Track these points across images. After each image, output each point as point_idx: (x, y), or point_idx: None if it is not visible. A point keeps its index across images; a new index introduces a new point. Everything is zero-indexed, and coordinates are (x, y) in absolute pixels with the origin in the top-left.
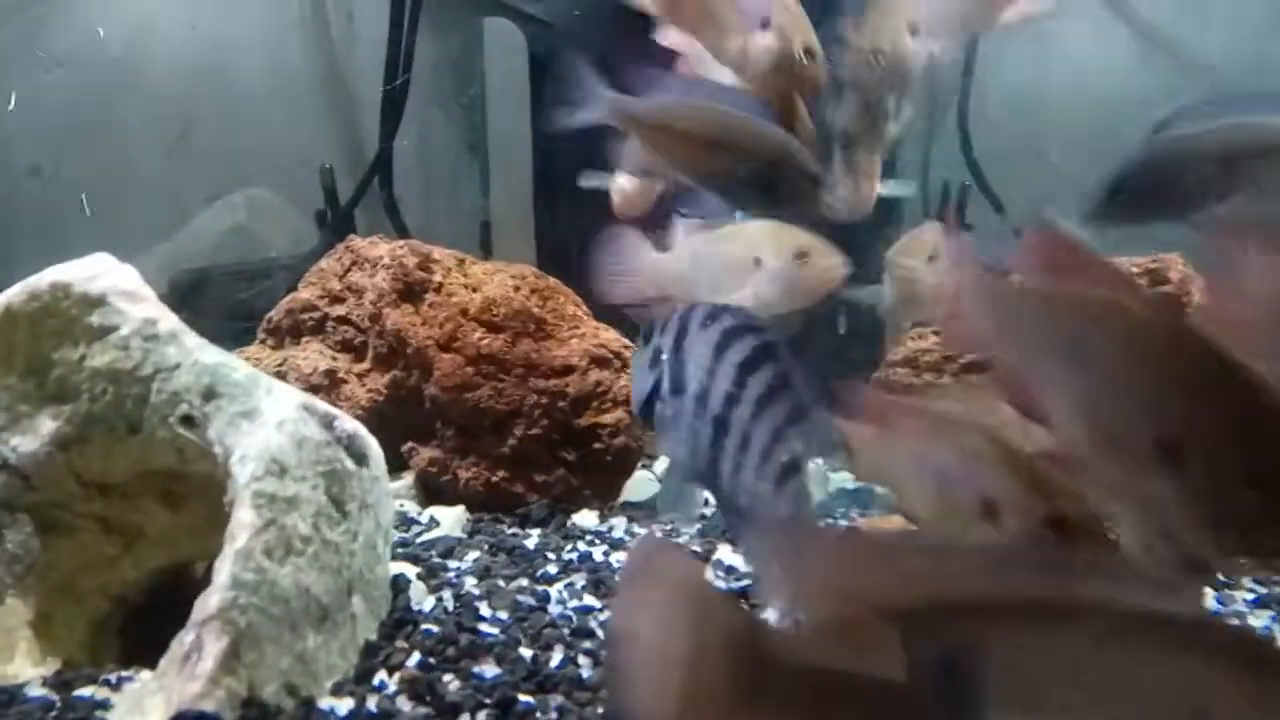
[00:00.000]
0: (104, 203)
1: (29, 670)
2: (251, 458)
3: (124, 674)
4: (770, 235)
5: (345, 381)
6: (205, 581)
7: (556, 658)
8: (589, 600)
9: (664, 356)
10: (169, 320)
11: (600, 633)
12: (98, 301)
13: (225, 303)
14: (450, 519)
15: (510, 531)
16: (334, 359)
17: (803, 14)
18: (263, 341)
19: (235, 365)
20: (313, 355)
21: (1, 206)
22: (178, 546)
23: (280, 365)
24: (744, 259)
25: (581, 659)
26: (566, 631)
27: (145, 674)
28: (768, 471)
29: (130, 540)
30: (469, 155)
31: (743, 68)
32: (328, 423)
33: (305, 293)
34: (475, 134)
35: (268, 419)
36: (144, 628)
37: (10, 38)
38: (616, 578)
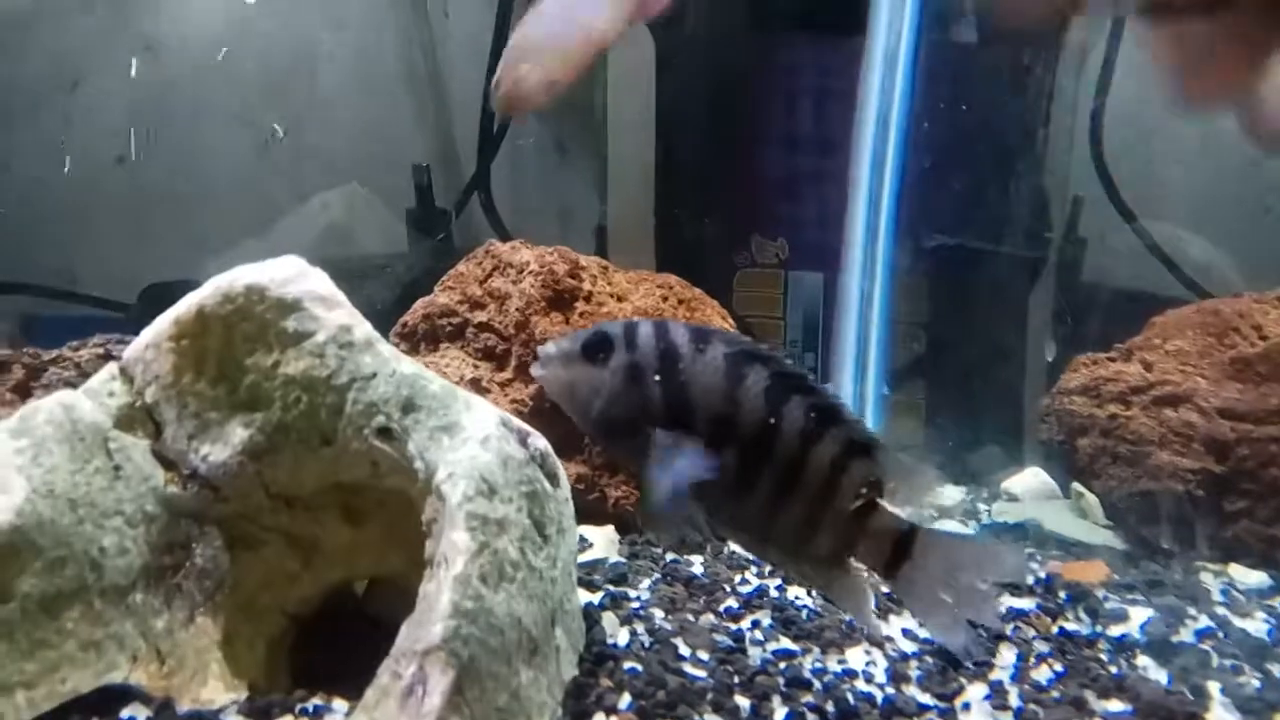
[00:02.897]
0: (193, 196)
1: (222, 695)
2: (461, 476)
3: (317, 703)
4: None
5: (488, 391)
6: (370, 600)
7: (780, 712)
8: (786, 643)
9: (656, 378)
10: (364, 327)
11: (816, 683)
12: (293, 306)
13: None
14: (602, 540)
15: (670, 558)
16: (476, 367)
17: None
18: (395, 346)
19: (430, 377)
20: (455, 362)
21: (87, 196)
22: (354, 563)
23: None
24: None
25: (809, 717)
26: (781, 682)
27: (338, 703)
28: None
29: (308, 555)
30: (557, 155)
31: None
32: (523, 439)
33: (443, 297)
34: (565, 133)
35: (470, 435)
36: (302, 645)
37: (104, 26)
38: (804, 616)
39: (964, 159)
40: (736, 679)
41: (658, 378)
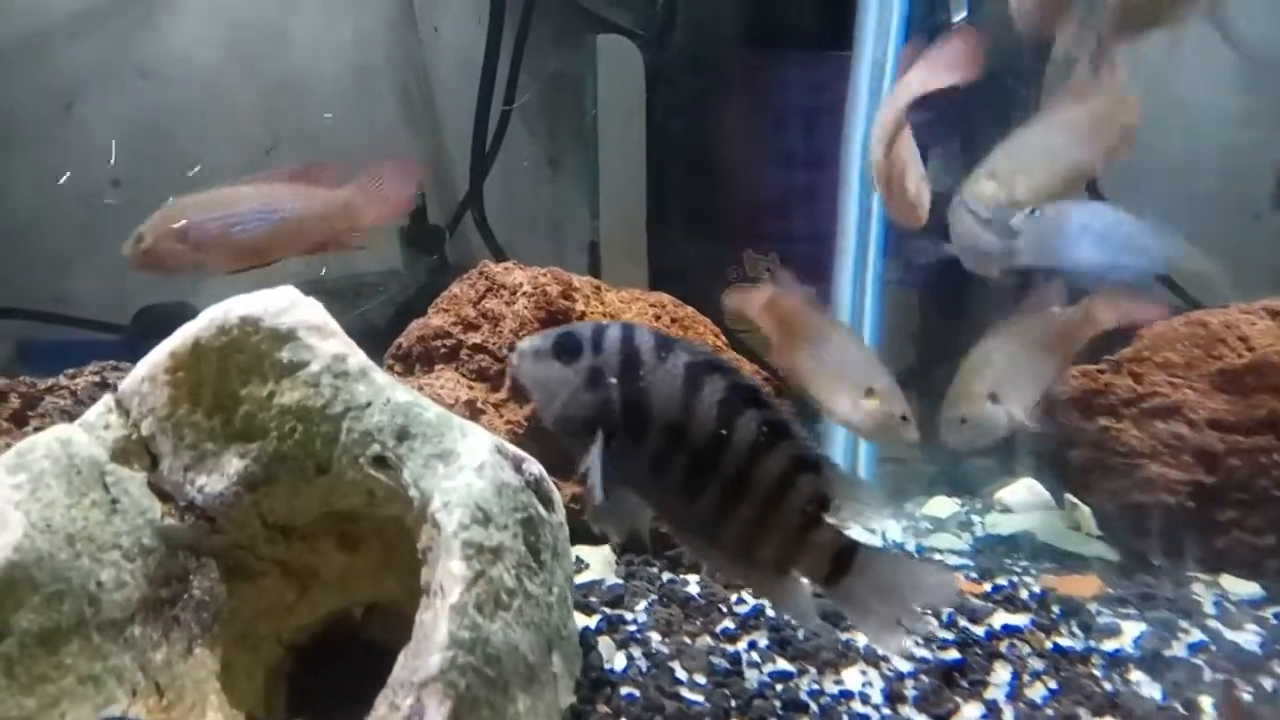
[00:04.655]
0: None
1: None
2: (456, 504)
3: None
4: None
5: (483, 412)
6: (368, 626)
7: None
8: (783, 664)
9: (613, 381)
10: (358, 356)
11: (813, 705)
12: (287, 336)
13: None
14: (598, 560)
15: (667, 578)
16: (470, 388)
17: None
18: (390, 367)
19: (425, 404)
20: (450, 384)
21: (82, 218)
22: (350, 591)
23: None
24: None
25: None
26: (778, 705)
27: None
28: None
29: (305, 584)
30: (549, 169)
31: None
32: (518, 465)
33: (437, 319)
34: (556, 147)
35: (465, 462)
36: (300, 672)
37: (98, 50)
38: (799, 636)
39: (950, 174)
40: (733, 702)
41: (615, 381)
